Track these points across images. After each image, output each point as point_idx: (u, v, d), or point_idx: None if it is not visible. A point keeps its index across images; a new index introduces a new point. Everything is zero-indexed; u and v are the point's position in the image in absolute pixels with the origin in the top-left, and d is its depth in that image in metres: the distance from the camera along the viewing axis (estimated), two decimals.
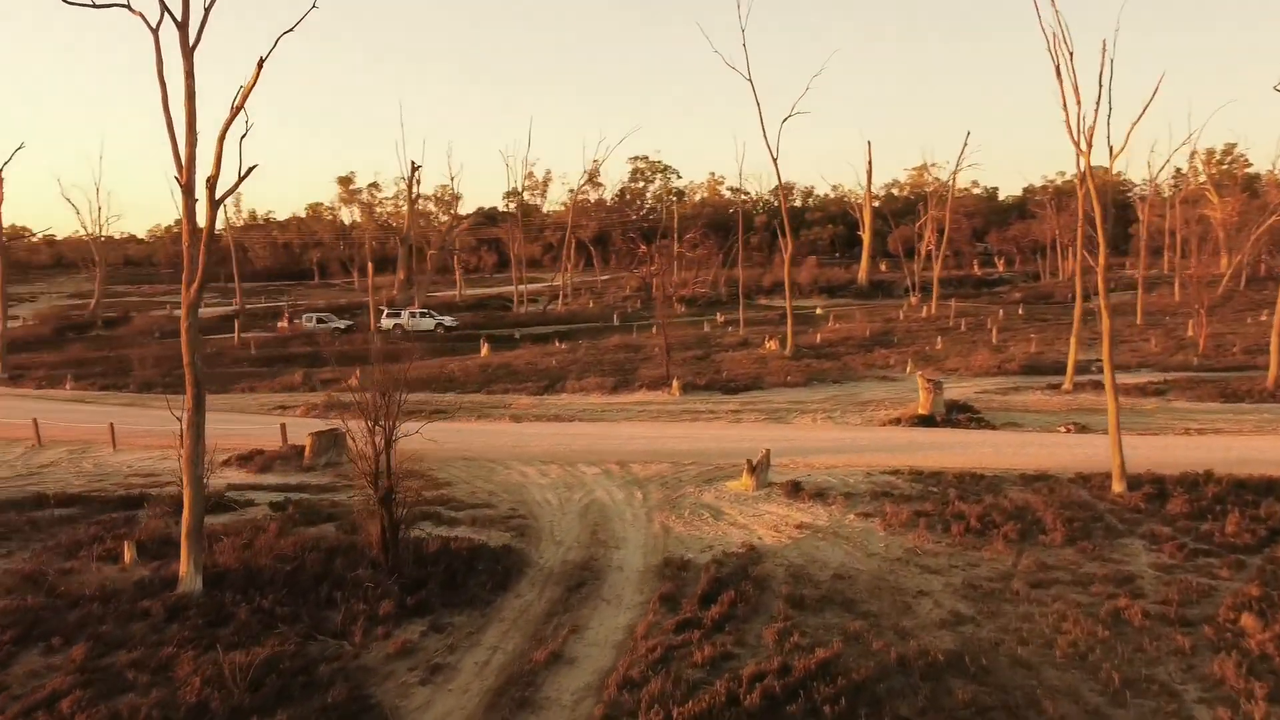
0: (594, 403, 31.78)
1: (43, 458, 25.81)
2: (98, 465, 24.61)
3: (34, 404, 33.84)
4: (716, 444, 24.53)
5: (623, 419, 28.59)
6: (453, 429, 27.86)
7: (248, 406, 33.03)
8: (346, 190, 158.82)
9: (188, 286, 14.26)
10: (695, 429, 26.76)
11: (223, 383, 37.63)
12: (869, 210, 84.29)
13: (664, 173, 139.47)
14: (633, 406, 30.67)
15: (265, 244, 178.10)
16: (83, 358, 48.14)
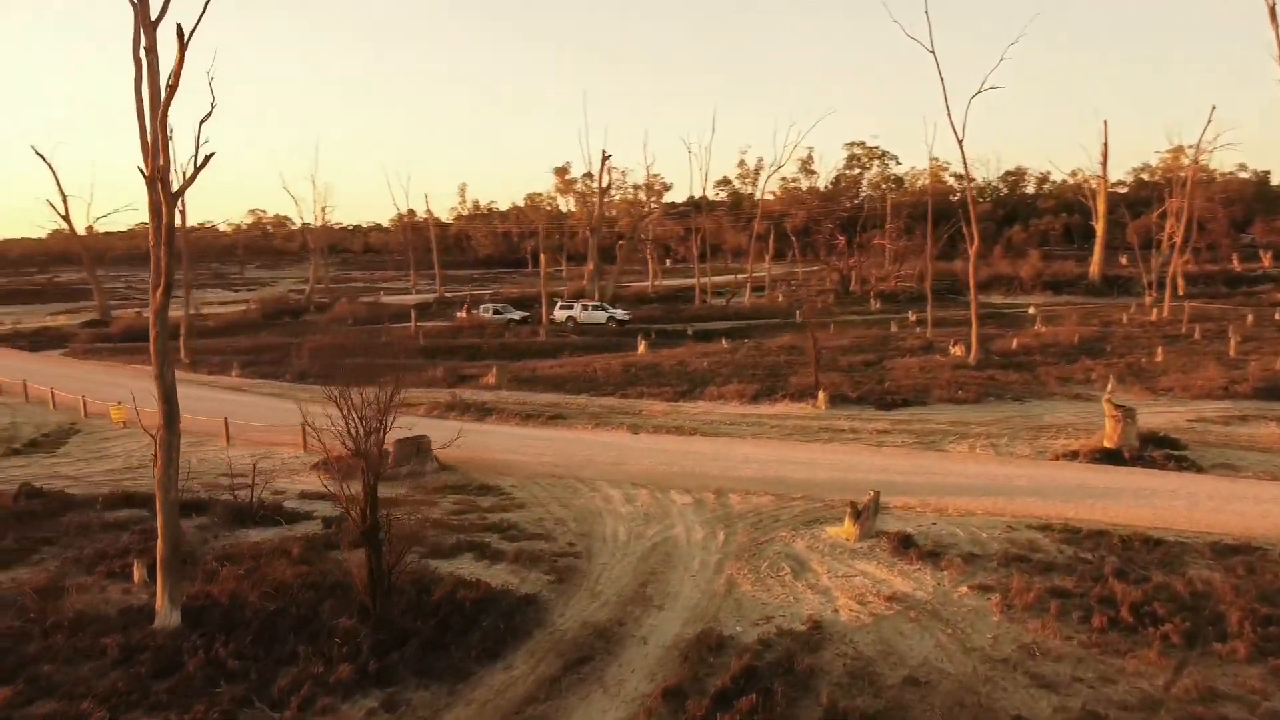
0: (727, 413, 28.76)
1: None
2: (201, 461, 24.35)
3: (191, 390, 34.96)
4: (841, 474, 20.97)
5: (749, 435, 25.43)
6: (560, 437, 25.77)
7: None
8: (562, 180, 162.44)
9: (154, 290, 12.66)
10: (823, 453, 23.22)
11: (371, 375, 37.46)
12: (1103, 197, 75.28)
13: (881, 159, 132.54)
14: (767, 420, 27.40)
15: (487, 233, 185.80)
16: (266, 344, 50.23)
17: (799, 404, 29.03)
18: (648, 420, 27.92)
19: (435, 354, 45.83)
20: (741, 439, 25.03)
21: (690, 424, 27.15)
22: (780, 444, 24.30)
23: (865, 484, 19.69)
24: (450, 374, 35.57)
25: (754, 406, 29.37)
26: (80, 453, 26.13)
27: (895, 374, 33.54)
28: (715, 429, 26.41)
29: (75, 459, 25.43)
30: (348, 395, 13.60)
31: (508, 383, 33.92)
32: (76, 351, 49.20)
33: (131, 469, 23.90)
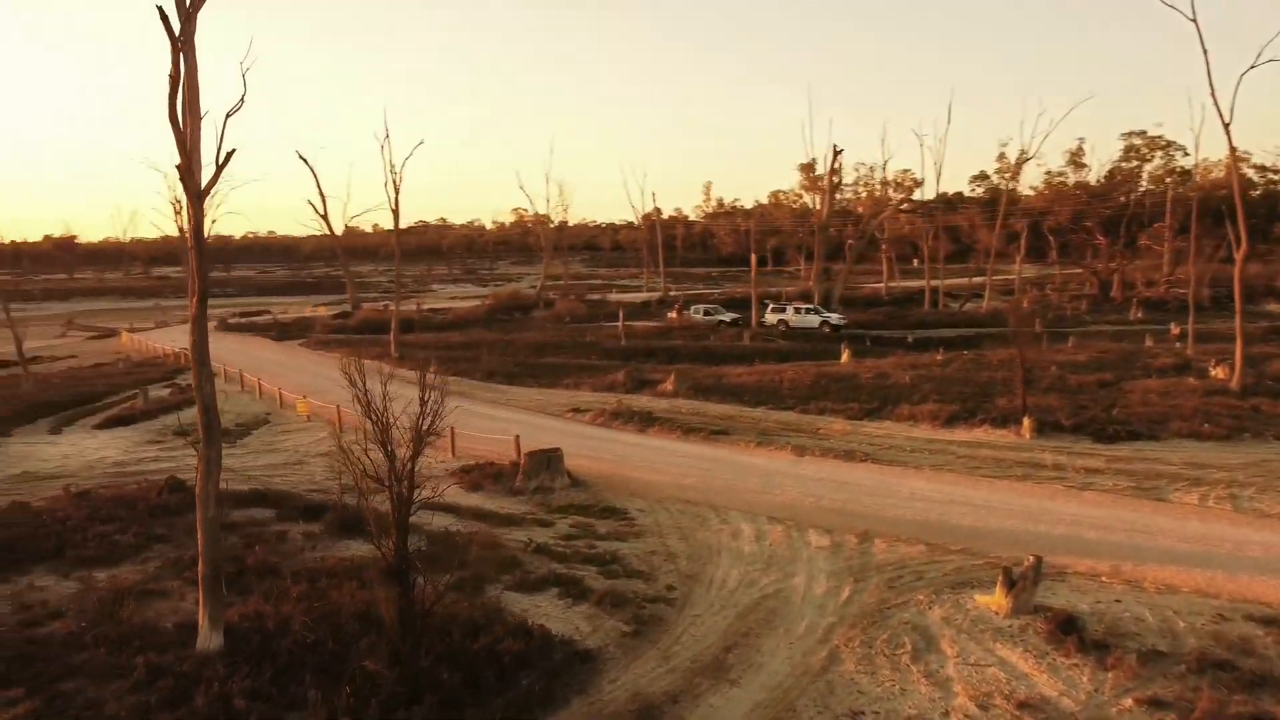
0: (912, 437, 25.45)
1: (327, 446, 26.43)
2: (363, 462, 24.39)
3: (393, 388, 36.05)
4: (1020, 523, 17.55)
5: (927, 466, 22.17)
6: (714, 457, 23.67)
7: (550, 405, 31.72)
8: (808, 177, 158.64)
9: (192, 298, 11.96)
10: (1008, 494, 19.66)
11: (557, 376, 37.08)
12: None
13: (1165, 150, 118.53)
14: (955, 448, 23.91)
15: (729, 231, 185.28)
16: (477, 340, 51.40)
17: (1000, 431, 25.20)
18: (818, 441, 25.21)
19: (633, 355, 44.95)
20: (916, 470, 21.83)
21: (864, 448, 24.18)
22: (959, 479, 20.92)
23: (1047, 539, 16.30)
24: (631, 378, 34.31)
25: (946, 431, 25.85)
26: (257, 444, 27.13)
27: (1130, 398, 28.59)
28: (891, 456, 23.31)
29: (249, 451, 26.36)
30: (378, 411, 12.24)
31: (686, 390, 32.18)
32: (311, 343, 52.71)
33: (291, 464, 24.33)
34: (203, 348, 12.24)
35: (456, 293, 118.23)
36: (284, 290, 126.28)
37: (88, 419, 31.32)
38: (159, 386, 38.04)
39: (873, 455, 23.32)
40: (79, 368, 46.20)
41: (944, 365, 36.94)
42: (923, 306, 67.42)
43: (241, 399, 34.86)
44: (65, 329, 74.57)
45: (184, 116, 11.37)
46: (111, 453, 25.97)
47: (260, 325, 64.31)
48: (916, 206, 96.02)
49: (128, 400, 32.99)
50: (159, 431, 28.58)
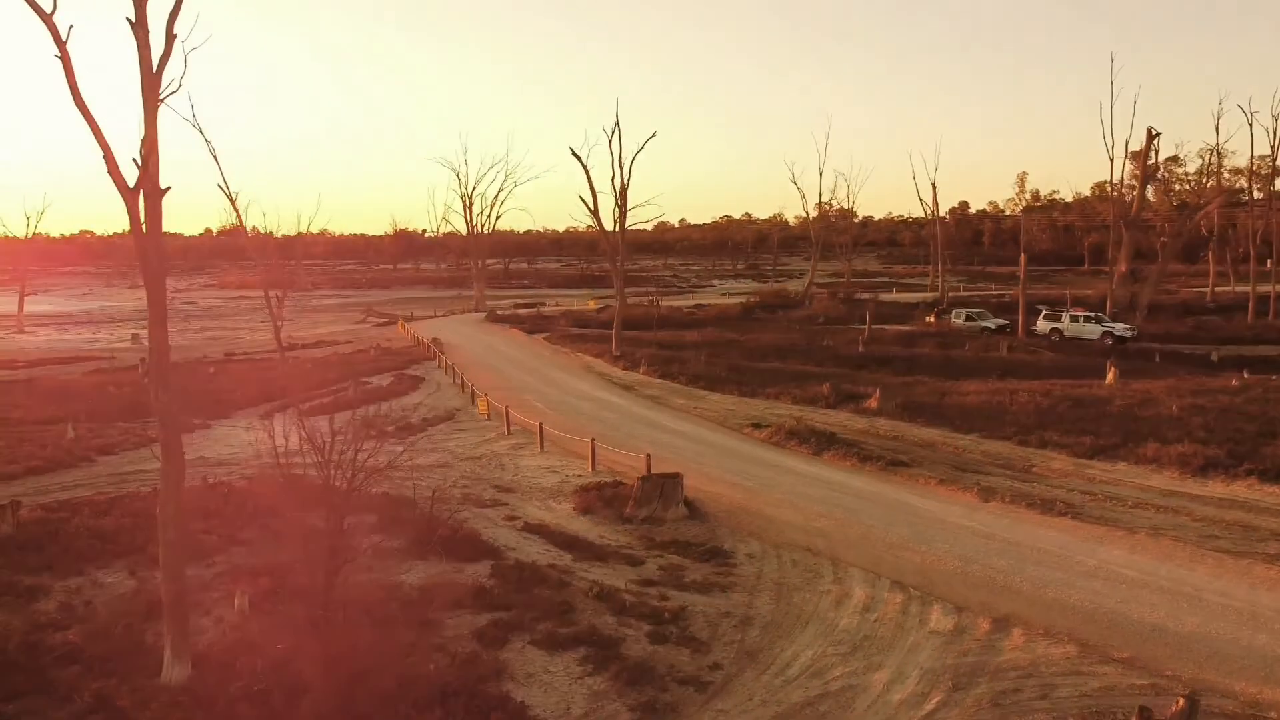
0: (1146, 486, 20.24)
1: (493, 447, 25.83)
2: (504, 468, 23.46)
3: (588, 388, 35.16)
4: (1230, 628, 12.84)
5: (1143, 528, 17.28)
6: (876, 494, 20.08)
7: (734, 417, 29.07)
8: (1138, 166, 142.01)
9: (151, 309, 10.98)
10: (1239, 581, 14.61)
11: (764, 383, 34.29)
12: None
13: None
14: (1200, 505, 18.60)
15: (1045, 226, 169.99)
16: (714, 339, 49.48)
17: (1271, 486, 19.39)
18: (1019, 483, 20.78)
19: (867, 363, 41.06)
20: (1126, 533, 17.07)
21: (1073, 496, 19.51)
22: (1177, 551, 16.02)
23: (1261, 660, 11.68)
24: (836, 390, 30.85)
25: (1195, 481, 20.35)
26: (426, 442, 26.96)
27: None
28: (1101, 510, 18.55)
29: (417, 449, 26.21)
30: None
31: (892, 408, 28.29)
32: (552, 337, 53.41)
33: (442, 465, 23.77)
34: (161, 358, 11.26)
35: (733, 288, 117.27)
36: (573, 284, 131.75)
37: (304, 404, 33.03)
38: (386, 375, 39.74)
39: (1077, 508, 18.67)
40: (336, 354, 49.77)
41: (1238, 392, 29.89)
42: (1247, 316, 56.56)
43: (449, 392, 35.40)
44: (365, 315, 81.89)
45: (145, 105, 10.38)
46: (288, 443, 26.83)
47: (521, 318, 66.56)
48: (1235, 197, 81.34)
49: (342, 389, 34.53)
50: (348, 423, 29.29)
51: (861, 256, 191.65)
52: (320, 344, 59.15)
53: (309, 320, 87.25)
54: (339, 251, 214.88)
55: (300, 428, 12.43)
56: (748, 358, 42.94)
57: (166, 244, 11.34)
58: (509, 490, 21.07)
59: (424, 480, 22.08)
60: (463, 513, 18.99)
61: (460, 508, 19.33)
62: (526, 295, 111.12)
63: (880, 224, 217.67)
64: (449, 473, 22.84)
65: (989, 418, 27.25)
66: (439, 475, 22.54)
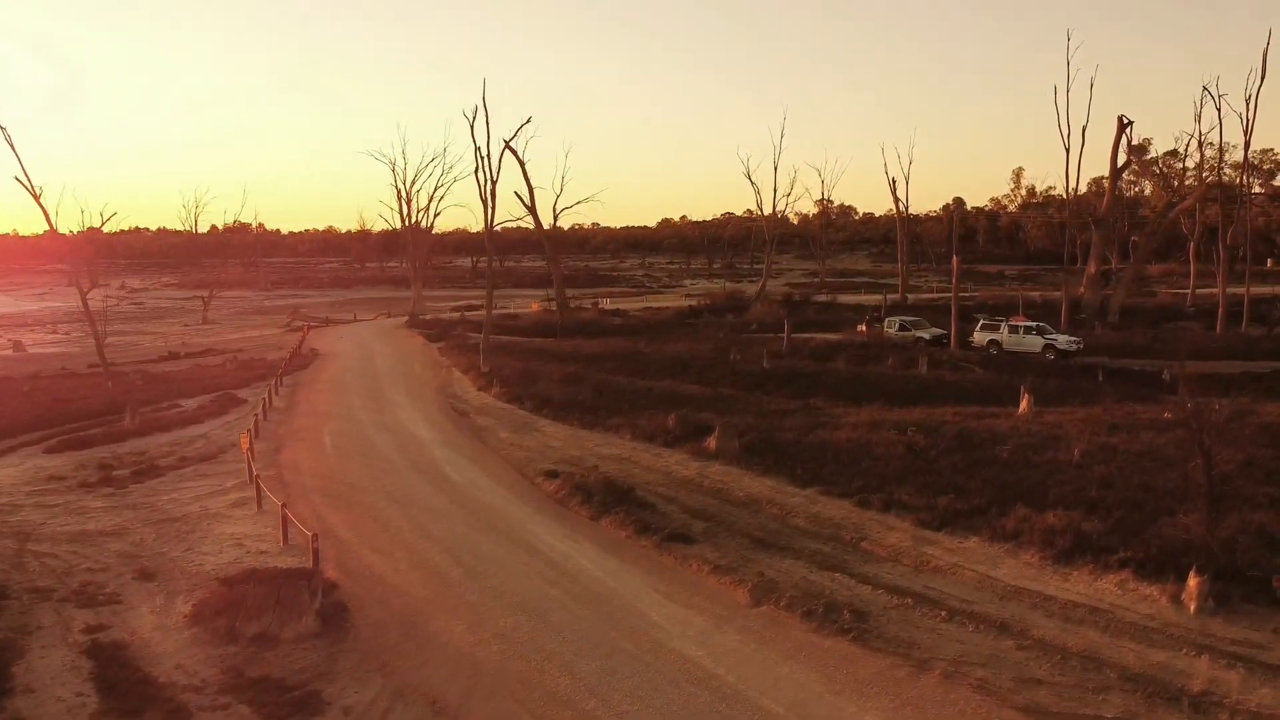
0: (989, 578, 14.85)
1: (208, 504, 20.62)
2: (187, 538, 18.26)
3: (414, 414, 29.97)
4: None
5: (938, 668, 11.94)
6: (606, 593, 14.77)
7: (540, 458, 23.77)
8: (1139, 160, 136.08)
9: None
10: None
11: (616, 410, 28.97)
12: None
13: None
14: (1045, 615, 13.24)
15: (1041, 224, 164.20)
16: (613, 351, 44.18)
17: (1147, 586, 14.02)
18: (821, 571, 15.48)
19: (767, 382, 35.74)
20: (912, 672, 11.77)
21: (876, 597, 14.22)
22: (972, 712, 10.73)
23: None
24: (683, 423, 25.56)
25: (1057, 572, 14.98)
26: (142, 494, 21.82)
27: None
28: (903, 625, 13.22)
29: (120, 504, 21.10)
30: None
31: (732, 448, 22.98)
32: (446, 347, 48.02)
33: (117, 531, 18.62)
34: None
35: (700, 289, 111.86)
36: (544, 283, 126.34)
37: (66, 437, 27.99)
38: (210, 395, 34.65)
39: (869, 620, 13.34)
40: (199, 366, 44.74)
41: (1167, 428, 24.44)
42: (1215, 326, 50.81)
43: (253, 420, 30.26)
44: (290, 319, 76.93)
45: None
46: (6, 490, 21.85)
47: (440, 324, 61.43)
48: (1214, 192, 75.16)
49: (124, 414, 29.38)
50: (82, 466, 24.21)
51: (853, 255, 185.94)
52: (209, 352, 54.19)
53: (239, 323, 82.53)
54: (325, 249, 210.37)
55: None
56: (638, 374, 37.68)
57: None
58: (150, 578, 15.91)
59: (60, 559, 17.01)
60: (34, 615, 13.90)
61: (35, 606, 14.23)
62: (471, 296, 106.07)
63: (879, 221, 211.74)
64: (107, 546, 17.71)
65: (846, 463, 21.89)
66: (92, 550, 17.43)
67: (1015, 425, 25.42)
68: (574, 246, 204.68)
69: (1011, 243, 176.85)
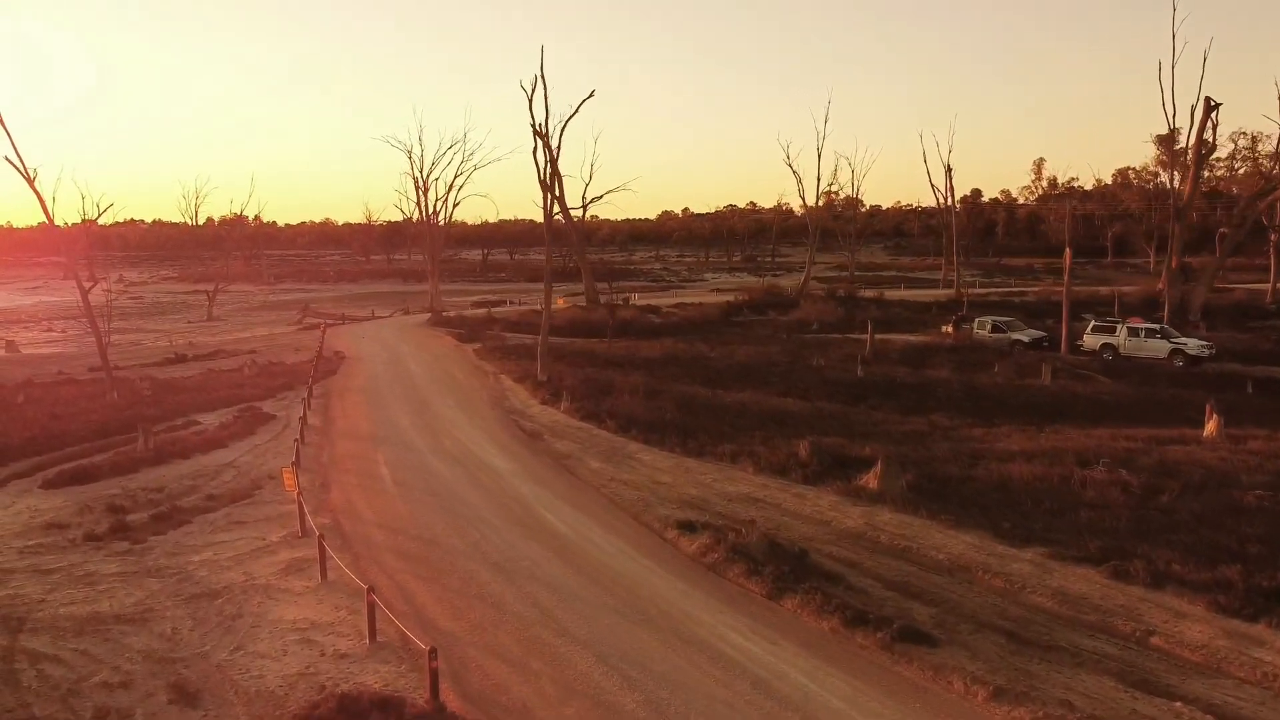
0: (1182, 640, 10.42)
1: (252, 569, 16.01)
2: (233, 628, 13.72)
3: (478, 435, 25.35)
4: None
5: None
6: None
7: (656, 501, 19.20)
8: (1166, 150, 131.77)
9: None
10: None
11: (724, 432, 24.46)
12: None
13: None
14: None
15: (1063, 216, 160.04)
16: (674, 354, 39.64)
17: None
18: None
19: (868, 394, 31.22)
20: None
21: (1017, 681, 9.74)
22: None
23: None
24: (818, 454, 21.01)
25: None
26: (168, 548, 17.24)
27: None
28: None
29: (139, 566, 16.55)
30: None
31: (898, 490, 18.46)
32: (482, 349, 43.37)
33: (141, 614, 14.07)
34: None
35: (726, 283, 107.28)
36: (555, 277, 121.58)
37: (66, 466, 23.34)
38: (231, 409, 30.01)
39: None
40: (211, 371, 40.09)
41: None
42: None
43: (289, 440, 25.65)
44: (302, 315, 72.29)
45: None
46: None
47: (465, 321, 56.80)
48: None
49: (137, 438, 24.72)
50: (88, 508, 19.58)
51: (867, 248, 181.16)
52: (218, 354, 49.53)
53: (246, 320, 77.89)
54: (324, 241, 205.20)
55: None
56: (711, 383, 33.15)
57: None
58: (192, 700, 11.36)
59: (65, 665, 12.47)
60: None
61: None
62: (500, 290, 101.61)
63: (887, 213, 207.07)
64: (128, 641, 13.14)
65: (1052, 511, 17.43)
66: (107, 648, 12.87)
67: (1228, 457, 20.93)
68: (571, 241, 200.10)
69: (1032, 235, 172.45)
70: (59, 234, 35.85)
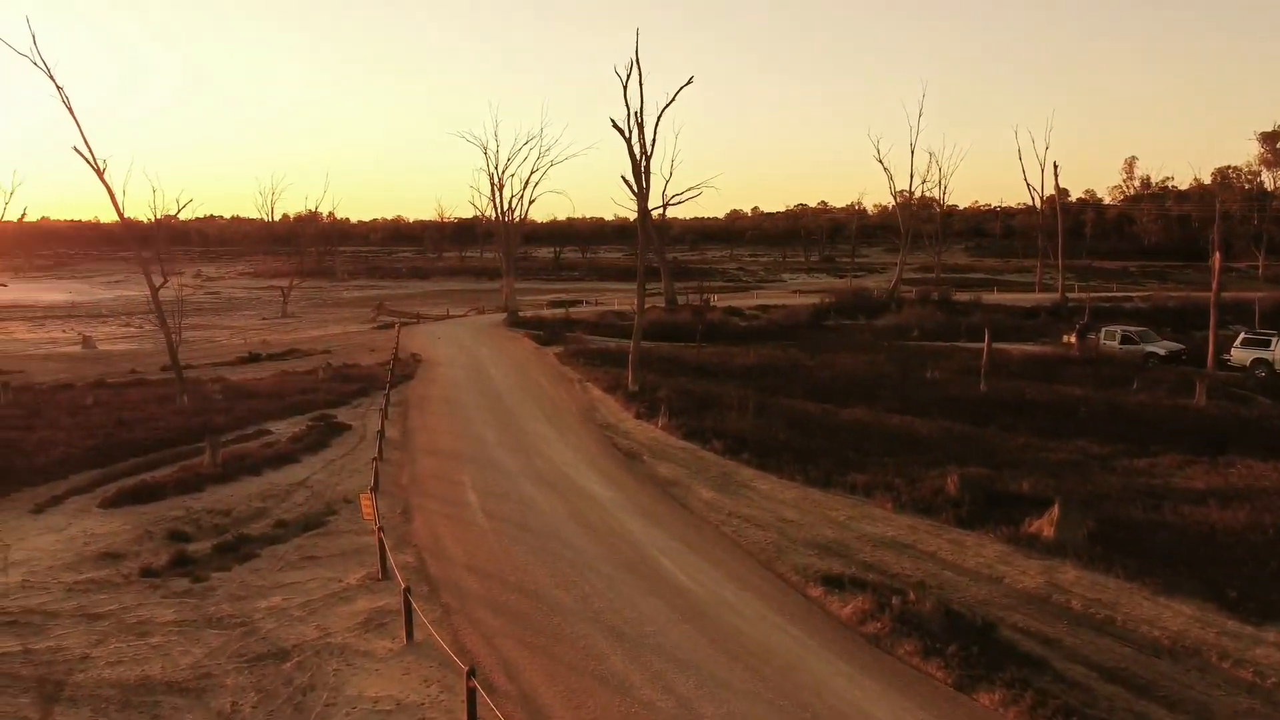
0: None
1: (329, 622, 13.73)
2: (303, 705, 11.45)
3: (570, 455, 22.85)
4: None
5: None
6: None
7: (786, 544, 16.46)
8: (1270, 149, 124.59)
9: None
10: None
11: (843, 457, 21.60)
12: None
13: None
14: None
15: (1156, 216, 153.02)
16: (771, 363, 36.78)
17: None
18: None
19: (997, 412, 28.03)
20: None
21: None
22: None
23: None
24: (968, 490, 18.09)
25: None
26: (233, 589, 15.09)
27: None
28: None
29: (198, 611, 14.39)
30: None
31: (1084, 542, 15.49)
32: (564, 354, 41.02)
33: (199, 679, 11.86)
34: None
35: (805, 284, 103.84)
36: (629, 276, 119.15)
37: (126, 480, 21.49)
38: (303, 418, 28.09)
39: None
40: (283, 373, 38.41)
41: None
42: None
43: (365, 455, 23.51)
44: (376, 314, 70.97)
45: None
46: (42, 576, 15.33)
47: (543, 322, 54.60)
48: None
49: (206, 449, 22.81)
50: (147, 534, 17.57)
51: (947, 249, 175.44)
52: (293, 353, 48.11)
53: (319, 316, 77.03)
54: (396, 238, 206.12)
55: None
56: (817, 396, 30.28)
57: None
58: None
59: None
60: None
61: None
62: (574, 289, 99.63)
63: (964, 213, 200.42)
64: (185, 718, 10.91)
65: (1277, 572, 14.31)
66: None
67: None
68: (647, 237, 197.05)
69: (1120, 236, 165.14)
70: (132, 227, 34.35)
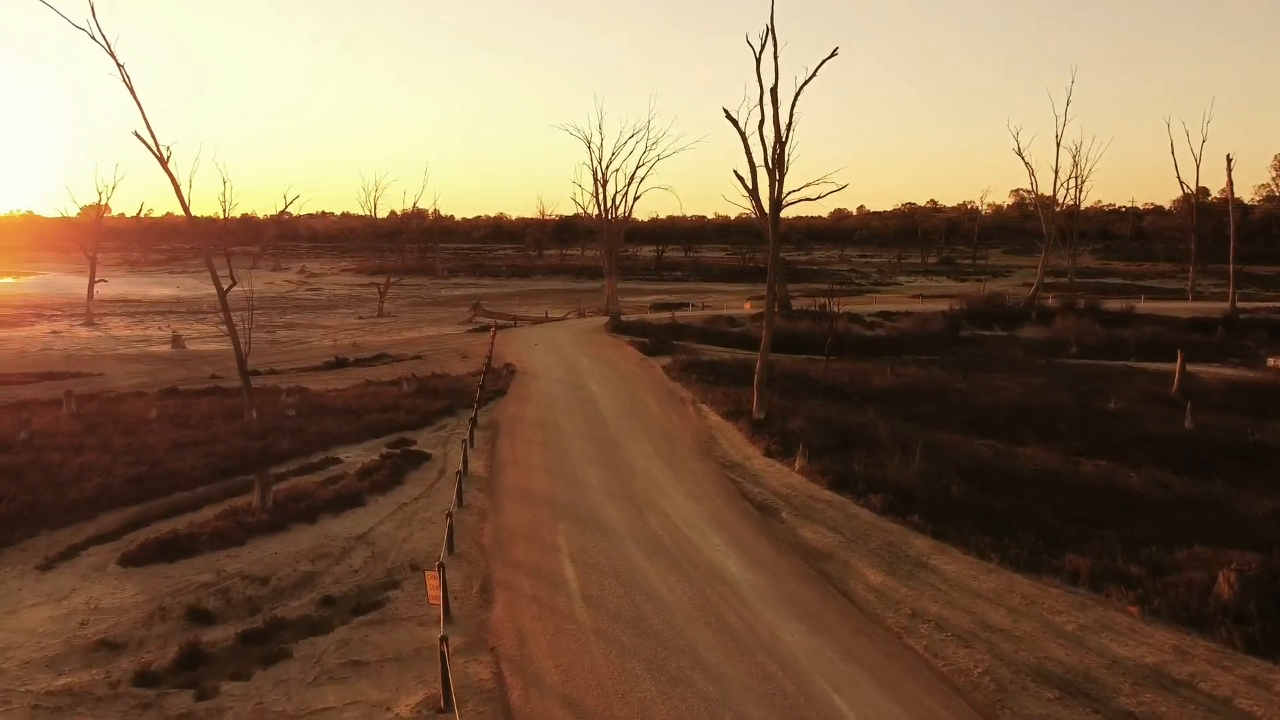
0: None
1: None
2: None
3: (691, 509, 18.36)
4: None
5: None
6: None
7: (1014, 686, 11.63)
8: None
9: None
10: None
11: (1044, 527, 16.58)
12: None
13: None
14: None
15: None
16: (913, 385, 31.59)
17: None
18: None
19: (1215, 458, 22.44)
20: None
21: None
22: None
23: None
24: (1254, 590, 12.96)
25: None
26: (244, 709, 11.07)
27: None
28: None
29: None
30: None
31: None
32: (673, 367, 36.65)
33: None
34: None
35: (925, 288, 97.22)
36: (733, 277, 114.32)
37: (161, 523, 17.95)
38: (377, 444, 24.40)
39: None
40: (364, 384, 34.96)
41: None
42: None
43: (443, 499, 19.51)
44: (472, 315, 67.93)
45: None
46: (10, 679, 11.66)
47: (647, 327, 50.32)
48: None
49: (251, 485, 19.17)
50: (161, 613, 13.83)
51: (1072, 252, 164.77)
52: (382, 357, 45.09)
53: (415, 316, 74.58)
54: (497, 235, 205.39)
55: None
56: (977, 428, 25.15)
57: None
58: None
59: None
60: None
61: None
62: (676, 290, 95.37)
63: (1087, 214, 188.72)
64: None
65: None
66: None
67: None
68: (751, 237, 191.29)
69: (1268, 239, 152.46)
70: (192, 223, 31.46)
